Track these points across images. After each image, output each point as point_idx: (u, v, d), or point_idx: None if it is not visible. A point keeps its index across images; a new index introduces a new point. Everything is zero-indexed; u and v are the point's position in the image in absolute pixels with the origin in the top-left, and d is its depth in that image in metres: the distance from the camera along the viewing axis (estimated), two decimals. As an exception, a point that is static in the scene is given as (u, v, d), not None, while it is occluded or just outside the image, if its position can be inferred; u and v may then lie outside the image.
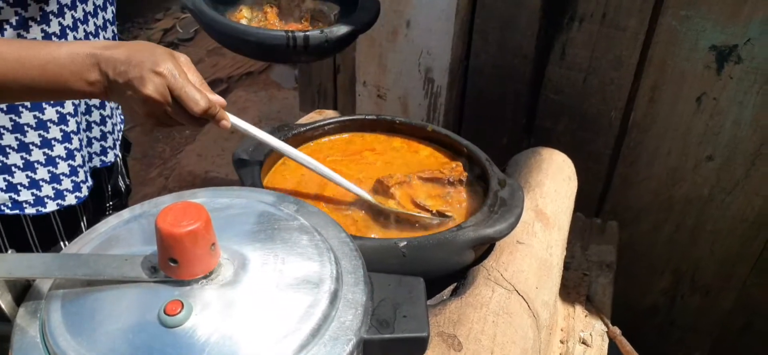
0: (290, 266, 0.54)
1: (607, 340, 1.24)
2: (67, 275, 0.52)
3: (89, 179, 1.03)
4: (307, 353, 0.48)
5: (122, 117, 1.20)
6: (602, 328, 1.26)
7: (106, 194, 1.17)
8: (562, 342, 1.21)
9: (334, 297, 0.52)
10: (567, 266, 1.39)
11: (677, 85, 1.48)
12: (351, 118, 1.09)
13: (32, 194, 0.96)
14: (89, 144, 1.05)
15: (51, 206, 0.98)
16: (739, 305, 1.75)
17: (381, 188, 0.95)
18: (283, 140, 1.01)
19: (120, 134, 1.16)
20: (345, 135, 1.10)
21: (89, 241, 0.58)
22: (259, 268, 0.53)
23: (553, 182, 1.06)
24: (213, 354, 0.46)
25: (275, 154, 1.00)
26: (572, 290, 1.33)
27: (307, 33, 1.09)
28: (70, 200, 1.00)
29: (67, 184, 0.99)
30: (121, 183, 1.22)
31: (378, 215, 0.92)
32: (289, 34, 1.08)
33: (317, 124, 1.07)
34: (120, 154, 1.20)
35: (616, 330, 1.26)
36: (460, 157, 1.04)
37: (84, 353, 0.47)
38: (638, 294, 1.86)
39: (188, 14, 4.10)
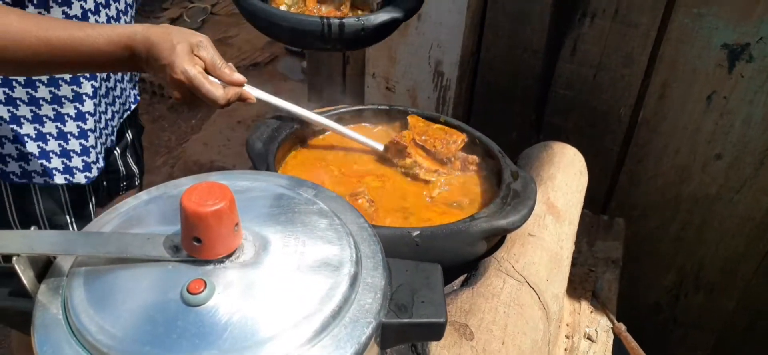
0: (310, 248, 0.54)
1: (612, 336, 1.24)
2: (89, 252, 0.52)
3: (101, 160, 1.04)
4: (328, 334, 0.48)
5: (137, 97, 1.21)
6: (607, 324, 1.26)
7: (121, 172, 1.18)
8: (567, 337, 1.21)
9: (354, 280, 0.53)
10: (573, 262, 1.39)
11: (688, 83, 1.48)
12: (361, 108, 1.09)
13: (41, 164, 0.97)
14: (105, 126, 1.06)
15: (59, 179, 0.99)
16: (743, 304, 1.75)
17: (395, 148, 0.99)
18: (293, 131, 1.02)
19: (127, 114, 1.16)
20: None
21: (109, 220, 0.58)
22: (280, 249, 0.54)
23: (564, 176, 1.06)
24: (235, 333, 0.47)
25: (287, 145, 1.00)
26: (578, 285, 1.34)
27: (343, 20, 1.07)
28: (79, 178, 1.01)
29: (77, 162, 1.00)
30: (134, 164, 1.23)
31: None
32: (324, 20, 1.07)
33: (326, 114, 1.07)
34: (131, 135, 1.21)
35: (622, 326, 1.26)
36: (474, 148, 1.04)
37: (107, 329, 0.47)
38: (643, 291, 1.86)
39: (195, 4, 4.07)
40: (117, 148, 1.16)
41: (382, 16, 1.09)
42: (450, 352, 0.71)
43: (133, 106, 1.19)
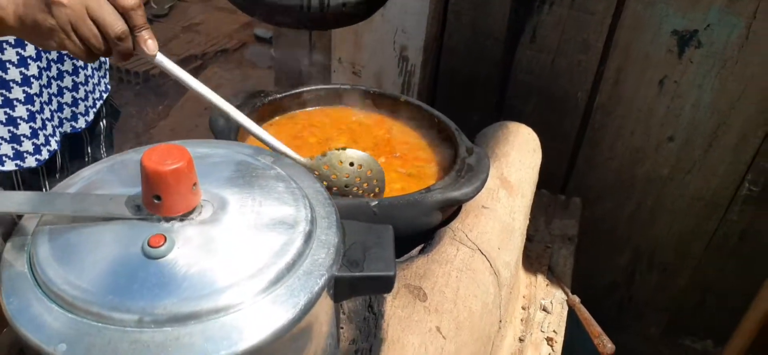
0: (267, 208, 0.58)
1: (566, 308, 1.30)
2: (53, 211, 0.55)
3: (52, 143, 1.03)
4: (283, 285, 0.52)
5: (108, 86, 1.21)
6: (562, 296, 1.32)
7: (87, 160, 1.19)
8: (523, 309, 1.26)
9: (309, 237, 0.56)
10: (530, 239, 1.45)
11: (641, 68, 1.54)
12: (325, 87, 1.12)
13: None
14: (60, 109, 1.06)
15: (9, 166, 0.99)
16: (694, 282, 1.83)
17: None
18: (258, 107, 1.05)
19: (98, 103, 1.17)
20: (320, 108, 1.13)
21: (73, 184, 0.60)
22: (238, 209, 0.57)
23: (518, 153, 1.11)
24: (194, 283, 0.50)
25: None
26: (535, 260, 1.39)
27: None
28: (30, 161, 1.01)
29: (27, 146, 1.00)
30: (104, 151, 1.23)
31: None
32: None
33: (292, 93, 1.10)
34: (103, 122, 1.22)
35: (576, 299, 1.32)
36: (432, 128, 1.08)
37: (71, 280, 0.50)
38: (600, 271, 1.93)
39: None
40: (88, 137, 1.17)
41: None
42: (404, 311, 0.75)
43: (105, 95, 1.20)
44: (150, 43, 0.70)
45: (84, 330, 0.48)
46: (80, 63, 1.08)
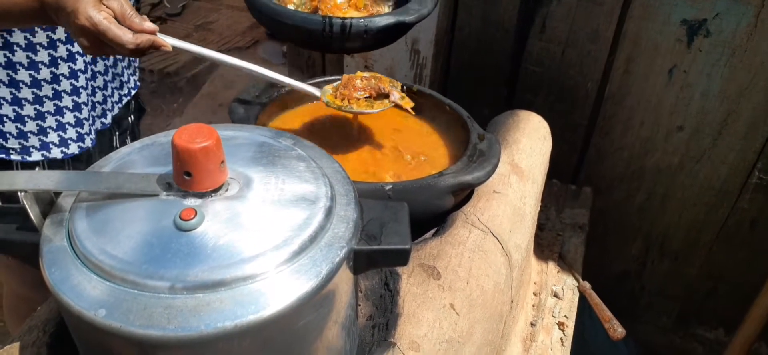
0: (290, 186, 0.61)
1: (577, 294, 1.33)
2: (89, 188, 0.58)
3: (85, 139, 1.09)
4: (306, 255, 0.55)
5: (136, 83, 1.26)
6: (573, 283, 1.34)
7: None
8: (535, 295, 1.29)
9: (329, 212, 0.59)
10: (542, 227, 1.48)
11: (650, 58, 1.56)
12: (338, 77, 1.15)
13: (19, 143, 1.02)
14: (93, 108, 1.11)
15: (36, 156, 1.04)
16: (705, 271, 1.85)
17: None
18: (274, 99, 1.08)
19: (125, 99, 1.22)
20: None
21: (106, 164, 0.64)
22: (262, 186, 0.60)
23: (529, 140, 1.14)
24: (222, 253, 0.53)
25: (269, 111, 1.06)
26: (546, 248, 1.41)
27: (346, 20, 1.02)
28: (56, 153, 1.06)
29: (53, 137, 1.05)
30: None
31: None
32: (326, 19, 1.02)
33: (307, 83, 1.13)
34: (131, 117, 1.27)
35: (586, 285, 1.34)
36: (444, 116, 1.11)
37: (108, 251, 0.53)
38: (611, 260, 1.95)
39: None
40: (117, 132, 1.21)
41: (386, 20, 1.03)
42: (419, 289, 0.78)
43: (133, 92, 1.24)
44: (163, 40, 0.83)
45: (121, 297, 0.51)
46: (110, 61, 1.13)
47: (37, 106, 1.01)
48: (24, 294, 1.30)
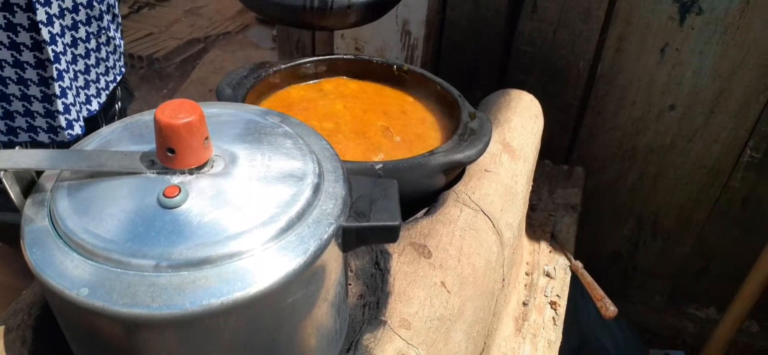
0: (276, 162, 0.60)
1: (569, 273, 1.32)
2: (71, 166, 0.57)
3: (73, 125, 1.07)
4: (293, 232, 0.54)
5: (122, 69, 1.24)
6: (565, 262, 1.34)
7: None
8: (527, 274, 1.29)
9: (317, 189, 0.58)
10: (534, 208, 1.47)
11: (642, 37, 1.55)
12: (328, 57, 1.14)
13: (5, 123, 1.01)
14: (77, 93, 1.09)
15: (23, 137, 1.03)
16: (697, 250, 1.85)
17: None
18: (264, 77, 1.06)
19: (111, 85, 1.20)
20: (324, 79, 1.15)
21: (89, 142, 0.63)
22: (248, 163, 0.59)
23: (520, 119, 1.13)
24: (208, 230, 0.52)
25: (257, 91, 1.04)
26: (538, 228, 1.41)
27: None
28: (43, 137, 1.05)
29: (40, 122, 1.03)
30: None
31: None
32: None
33: (296, 63, 1.12)
34: (118, 104, 1.25)
35: (578, 264, 1.34)
36: (434, 95, 1.10)
37: (91, 230, 0.52)
38: (603, 241, 1.95)
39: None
40: (104, 119, 1.20)
41: None
42: (410, 267, 0.78)
43: (119, 78, 1.23)
44: None
45: (104, 276, 0.50)
46: (92, 45, 1.11)
47: (22, 88, 0.99)
48: (10, 283, 1.29)
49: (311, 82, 1.15)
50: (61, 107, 1.03)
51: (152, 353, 0.53)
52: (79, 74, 1.08)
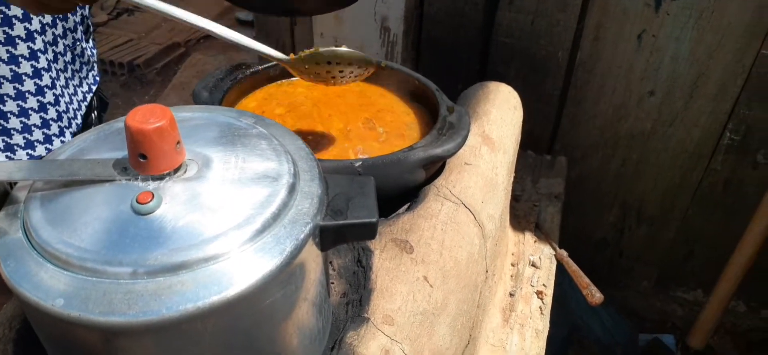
0: (251, 164, 0.60)
1: (554, 262, 1.33)
2: (43, 177, 0.56)
3: (53, 142, 1.06)
4: (269, 233, 0.54)
5: (96, 78, 1.23)
6: (550, 252, 1.35)
7: None
8: (513, 265, 1.29)
9: (292, 189, 0.58)
10: (518, 198, 1.48)
11: (619, 24, 1.56)
12: (308, 52, 1.13)
13: (24, 137, 1.00)
14: (70, 101, 1.08)
15: (40, 150, 1.02)
16: (682, 234, 1.87)
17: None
18: (240, 79, 1.06)
19: (89, 96, 1.19)
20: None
21: (61, 152, 0.62)
22: (222, 166, 0.59)
23: (499, 111, 1.13)
24: (183, 235, 0.52)
25: (233, 93, 1.04)
26: (522, 218, 1.42)
27: None
28: (40, 150, 1.04)
29: (18, 139, 1.02)
30: None
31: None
32: None
33: (272, 64, 1.11)
34: (94, 113, 1.24)
35: (563, 253, 1.35)
36: (412, 90, 1.10)
37: (65, 239, 0.51)
38: (589, 229, 1.96)
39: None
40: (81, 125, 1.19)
41: None
42: (392, 263, 0.78)
43: (94, 88, 1.22)
44: None
45: (80, 285, 0.50)
46: (68, 57, 1.10)
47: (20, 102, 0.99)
48: None
49: (293, 79, 1.14)
50: (39, 122, 1.02)
51: (131, 361, 0.53)
52: (64, 90, 1.08)
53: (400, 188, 0.91)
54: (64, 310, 0.49)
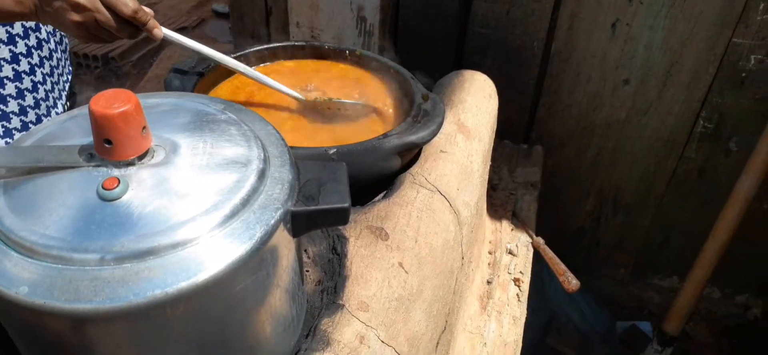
0: (219, 150, 0.59)
1: (531, 249, 1.34)
2: (7, 164, 0.55)
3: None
4: (238, 219, 0.53)
5: (70, 69, 1.21)
6: (527, 239, 1.35)
7: None
8: (490, 253, 1.30)
9: (262, 175, 0.57)
10: (495, 187, 1.48)
11: (593, 13, 1.57)
12: (282, 44, 1.13)
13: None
14: (36, 105, 1.06)
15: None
16: (657, 221, 1.89)
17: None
18: (211, 68, 1.05)
19: (67, 85, 1.17)
20: (277, 61, 1.14)
21: (28, 138, 0.61)
22: (190, 152, 0.58)
23: (474, 99, 1.13)
24: (150, 221, 0.51)
25: (206, 81, 1.03)
26: (499, 207, 1.42)
27: None
28: None
29: (15, 122, 1.01)
30: None
31: (307, 111, 1.01)
32: None
33: (245, 51, 1.10)
34: (67, 104, 1.22)
35: (540, 240, 1.35)
36: (388, 78, 1.10)
37: (30, 227, 0.50)
38: (567, 218, 1.98)
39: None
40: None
41: None
42: (367, 250, 0.77)
43: (69, 78, 1.19)
44: (156, 32, 0.85)
45: (44, 273, 0.49)
46: (45, 53, 1.08)
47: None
48: None
49: (264, 65, 1.13)
50: (16, 109, 1.00)
51: (101, 349, 0.52)
52: (39, 85, 1.06)
53: (376, 176, 0.91)
54: (28, 298, 0.48)
